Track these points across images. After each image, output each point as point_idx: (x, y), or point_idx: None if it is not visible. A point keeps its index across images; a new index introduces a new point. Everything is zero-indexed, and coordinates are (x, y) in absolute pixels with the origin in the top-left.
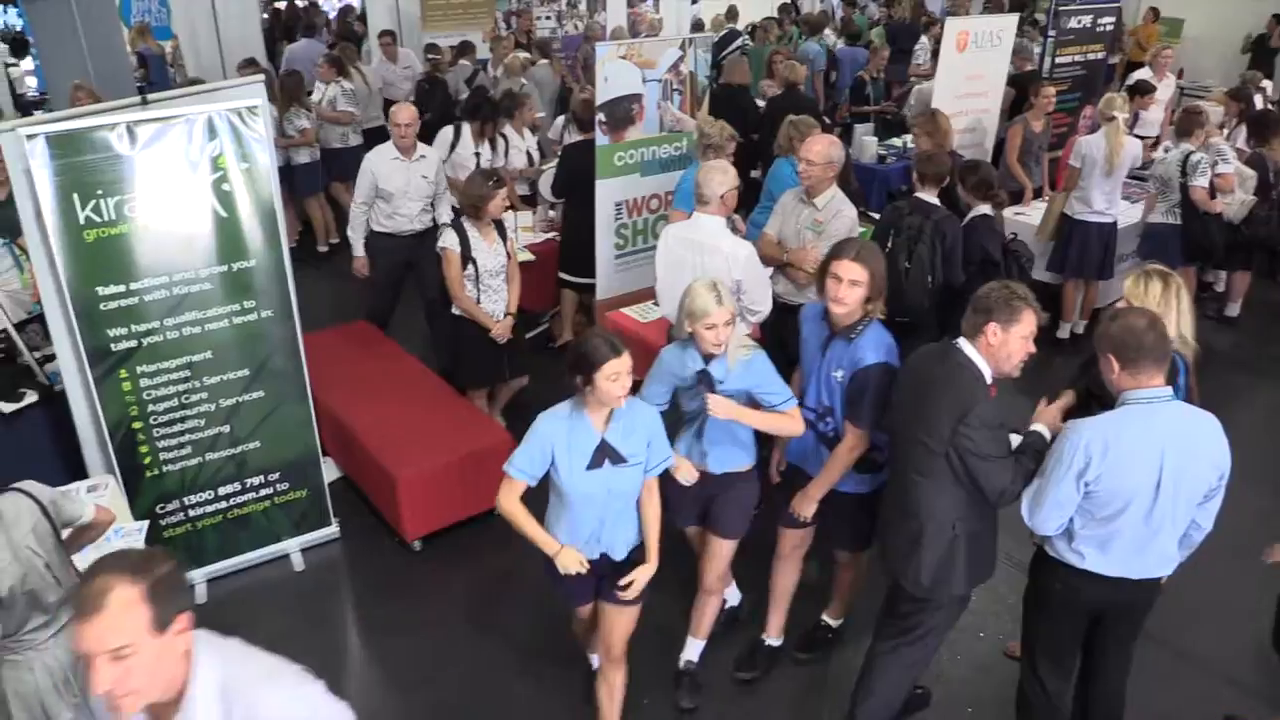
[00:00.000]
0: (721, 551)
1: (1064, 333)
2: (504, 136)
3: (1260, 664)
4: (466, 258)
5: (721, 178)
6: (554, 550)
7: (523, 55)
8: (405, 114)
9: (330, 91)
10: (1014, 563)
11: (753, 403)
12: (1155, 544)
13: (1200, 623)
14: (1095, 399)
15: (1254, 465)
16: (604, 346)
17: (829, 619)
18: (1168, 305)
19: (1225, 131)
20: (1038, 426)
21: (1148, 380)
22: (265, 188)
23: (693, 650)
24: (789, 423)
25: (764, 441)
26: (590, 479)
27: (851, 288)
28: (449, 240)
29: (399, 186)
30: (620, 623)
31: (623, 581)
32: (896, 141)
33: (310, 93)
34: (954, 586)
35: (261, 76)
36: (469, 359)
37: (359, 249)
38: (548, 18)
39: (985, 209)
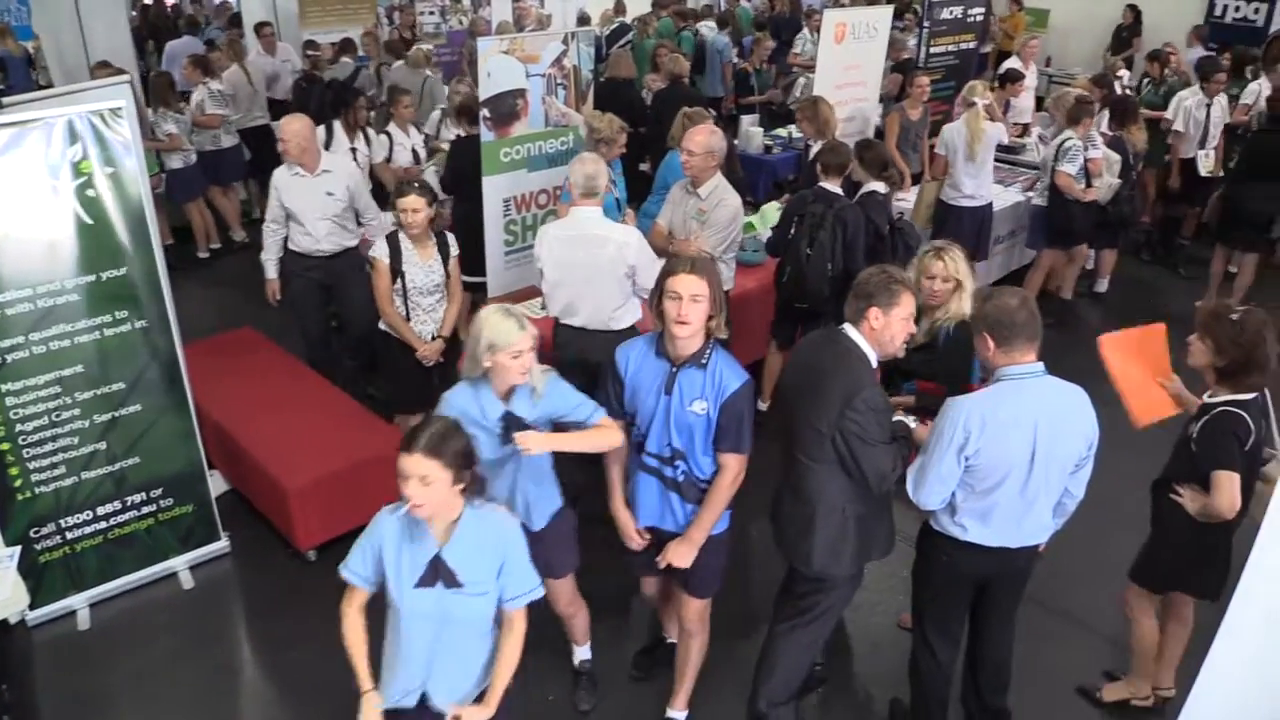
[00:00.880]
0: (562, 589)
1: None
2: (388, 134)
3: None
4: (396, 271)
5: (598, 169)
6: (363, 689)
7: (426, 48)
8: (289, 127)
9: (197, 94)
10: (905, 539)
11: (559, 428)
12: (1032, 513)
13: (1080, 585)
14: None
15: (1123, 433)
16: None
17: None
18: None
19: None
20: (900, 416)
21: (1020, 357)
22: (134, 193)
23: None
24: (606, 435)
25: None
26: (420, 598)
27: (693, 303)
28: (379, 250)
29: (303, 205)
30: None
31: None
32: (782, 132)
33: (187, 94)
34: (845, 567)
35: (125, 77)
36: (394, 380)
37: (270, 271)
38: (431, 13)
39: (878, 186)
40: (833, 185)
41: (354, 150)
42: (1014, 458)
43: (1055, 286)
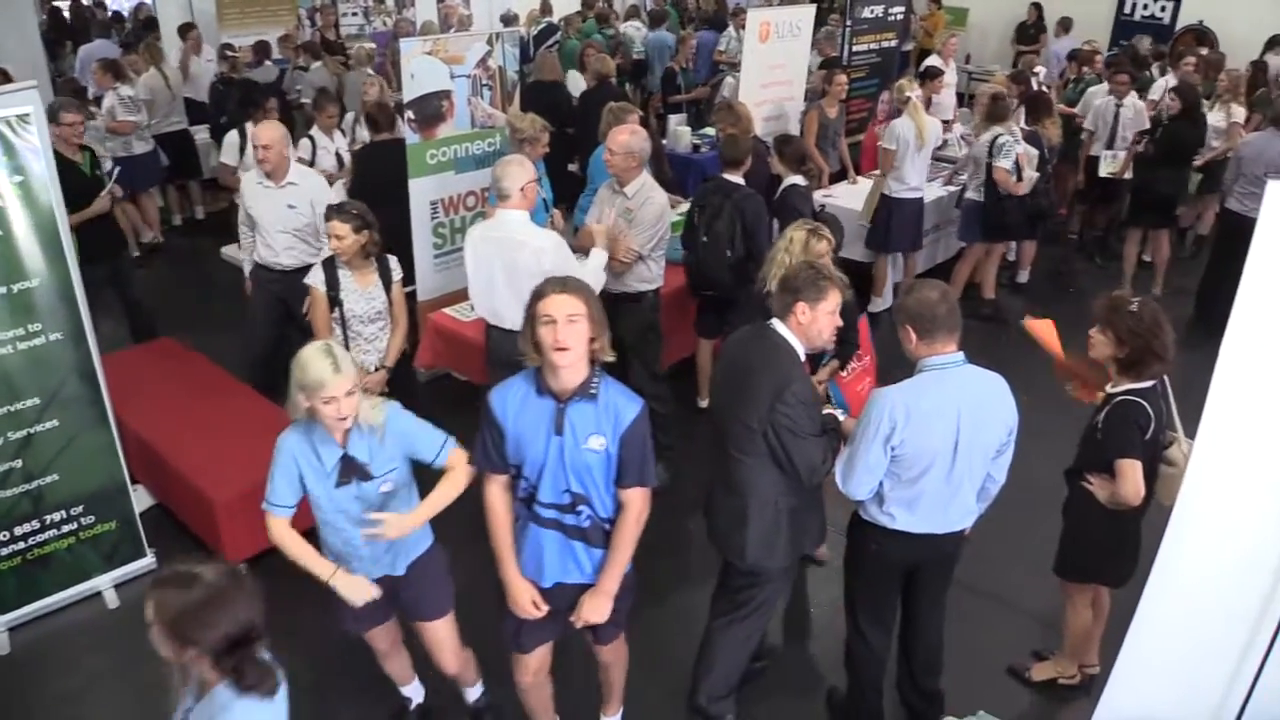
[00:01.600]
0: (439, 636)
1: (875, 307)
2: (311, 139)
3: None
4: (333, 299)
5: (519, 170)
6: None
7: (369, 46)
8: (266, 134)
9: (107, 101)
10: (839, 529)
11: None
12: (957, 500)
13: (1006, 568)
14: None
15: (1043, 419)
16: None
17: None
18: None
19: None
20: (829, 409)
21: (941, 347)
22: (44, 201)
23: None
24: (461, 477)
25: None
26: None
27: (571, 325)
28: (314, 278)
29: (263, 215)
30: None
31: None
32: (710, 131)
33: (100, 99)
34: (778, 559)
35: (34, 82)
36: None
37: (246, 269)
38: (354, 14)
39: (798, 179)
40: (733, 176)
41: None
42: (938, 446)
43: (979, 279)
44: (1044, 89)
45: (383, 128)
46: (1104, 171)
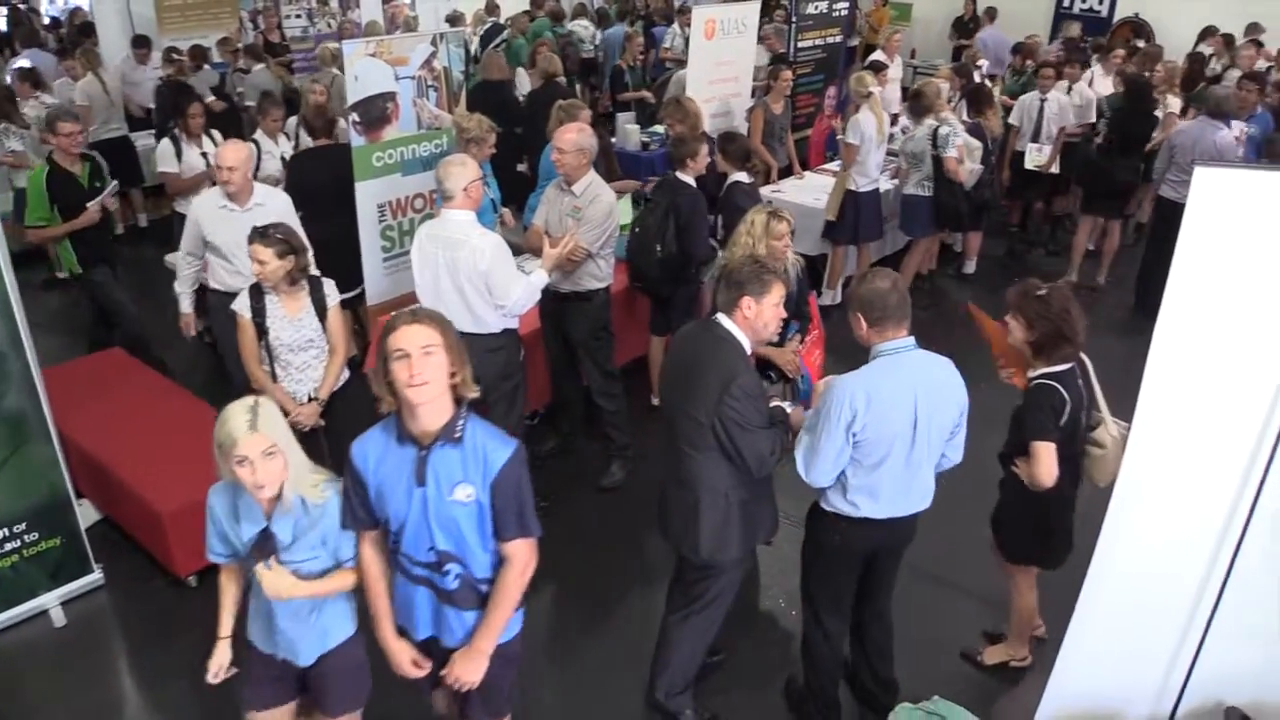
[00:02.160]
0: None
1: (825, 300)
2: (255, 143)
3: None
4: (260, 327)
5: (460, 170)
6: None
7: (333, 46)
8: (230, 155)
9: (31, 110)
10: (794, 521)
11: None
12: (917, 481)
13: (955, 551)
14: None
15: (989, 404)
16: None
17: None
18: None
19: (952, 105)
20: (777, 402)
21: (893, 334)
22: None
23: None
24: (346, 580)
25: None
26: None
27: (427, 357)
28: (240, 304)
29: (229, 240)
30: None
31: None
32: (659, 128)
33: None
34: (731, 551)
35: None
36: None
37: (184, 305)
38: (298, 16)
39: (741, 176)
40: (683, 175)
41: (205, 155)
42: (898, 429)
43: (926, 270)
44: (986, 81)
45: (319, 133)
46: (1030, 164)
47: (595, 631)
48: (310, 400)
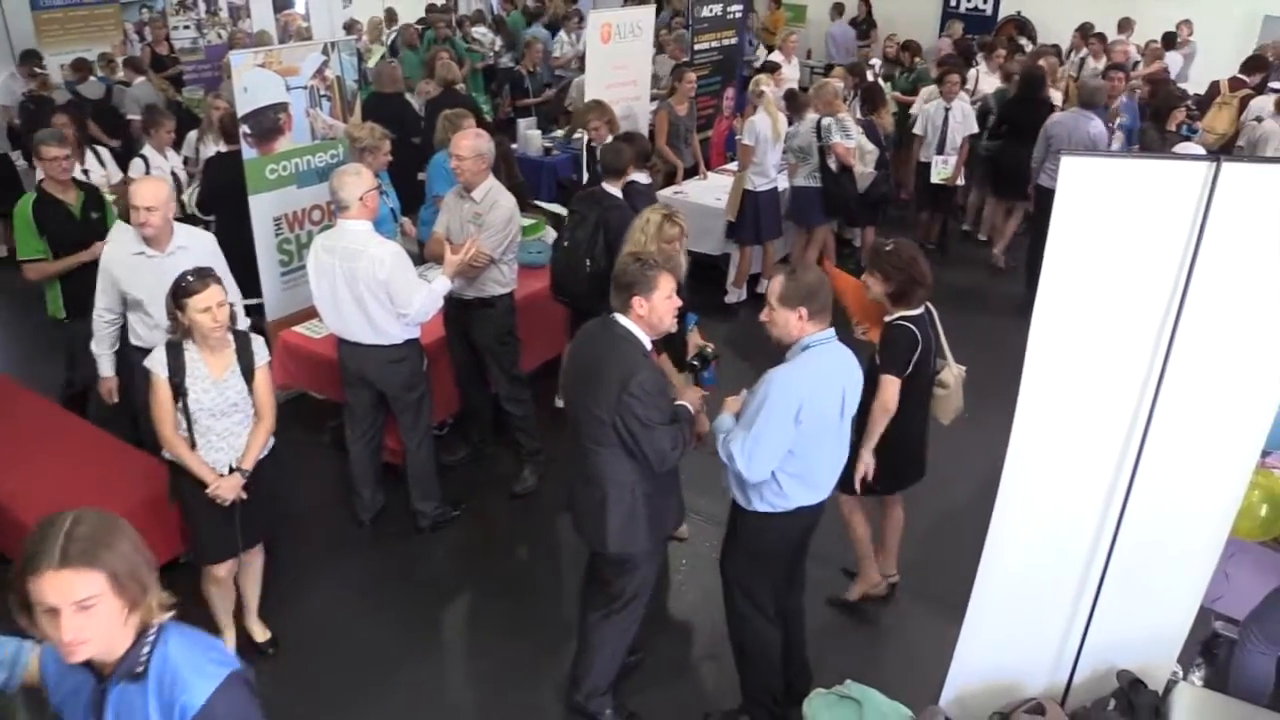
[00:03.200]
0: None
1: (731, 299)
2: (144, 158)
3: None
4: (178, 388)
5: (355, 180)
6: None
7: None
8: (148, 193)
9: None
10: (704, 517)
11: None
12: (838, 462)
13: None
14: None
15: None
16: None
17: None
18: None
19: (847, 103)
20: (682, 402)
21: (821, 325)
22: None
23: None
24: None
25: None
26: None
27: (83, 612)
28: (154, 361)
29: (148, 290)
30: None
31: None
32: (560, 133)
33: None
34: (641, 543)
35: None
36: (191, 523)
37: (104, 367)
38: (186, 27)
39: (640, 177)
40: (610, 187)
41: (86, 172)
42: (830, 415)
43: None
44: (879, 80)
45: (235, 139)
46: (936, 178)
47: (513, 636)
48: (232, 471)
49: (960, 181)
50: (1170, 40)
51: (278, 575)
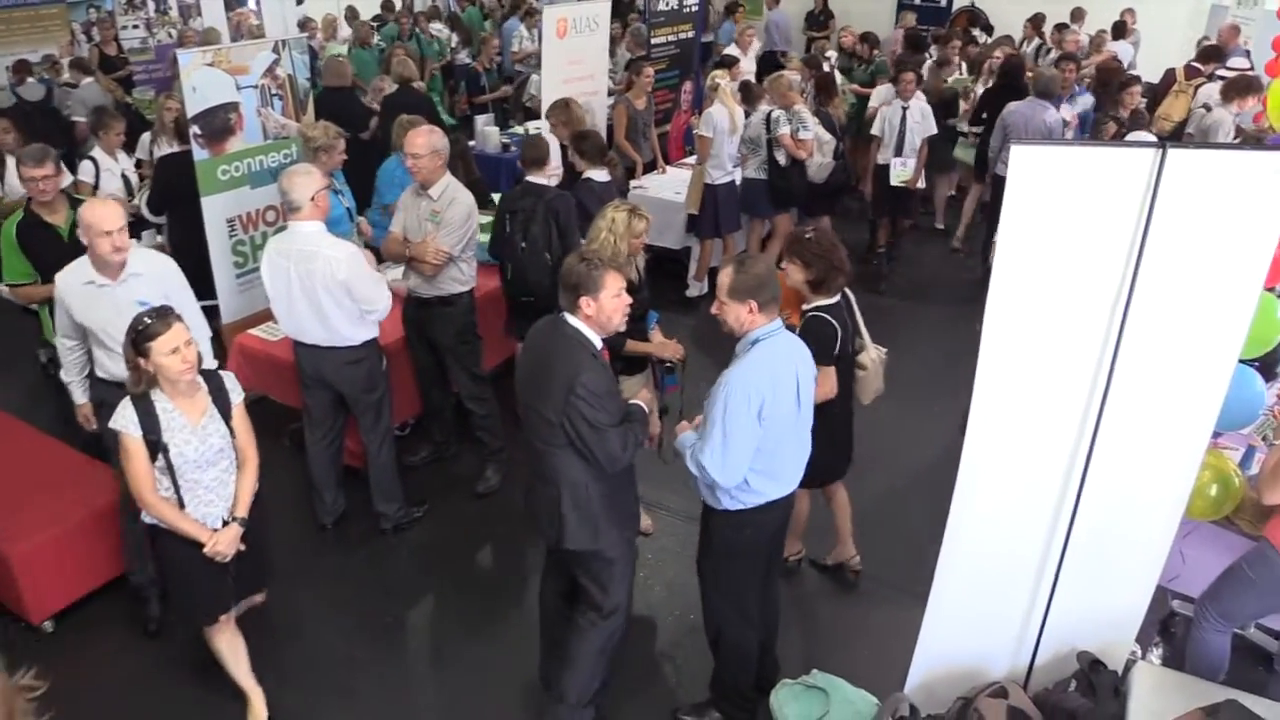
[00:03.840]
0: None
1: (693, 292)
2: (93, 160)
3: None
4: (154, 445)
5: (306, 180)
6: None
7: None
8: (106, 217)
9: None
10: (670, 512)
11: None
12: (802, 450)
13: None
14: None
15: None
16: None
17: None
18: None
19: (804, 95)
20: (636, 401)
21: (772, 316)
22: None
23: None
24: None
25: None
26: None
27: None
28: (121, 422)
29: (103, 321)
30: None
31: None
32: (518, 129)
33: None
34: (602, 540)
35: None
36: (182, 586)
37: (77, 395)
38: (135, 26)
39: (597, 173)
40: (537, 177)
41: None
42: (789, 406)
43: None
44: (833, 72)
45: (186, 138)
46: (895, 181)
47: (478, 636)
48: (226, 524)
49: (921, 184)
50: (1120, 30)
51: None
